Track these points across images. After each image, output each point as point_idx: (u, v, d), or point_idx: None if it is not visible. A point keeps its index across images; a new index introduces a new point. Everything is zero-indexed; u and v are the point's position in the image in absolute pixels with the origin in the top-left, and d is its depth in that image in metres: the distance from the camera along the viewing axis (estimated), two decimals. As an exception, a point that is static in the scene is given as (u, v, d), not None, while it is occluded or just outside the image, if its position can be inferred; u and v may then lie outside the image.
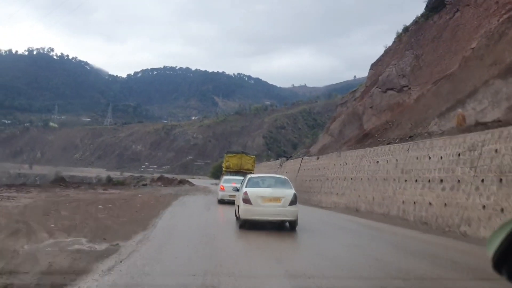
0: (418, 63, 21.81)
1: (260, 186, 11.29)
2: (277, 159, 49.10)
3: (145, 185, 35.54)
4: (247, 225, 10.67)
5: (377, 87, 22.15)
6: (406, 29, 29.70)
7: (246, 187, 11.09)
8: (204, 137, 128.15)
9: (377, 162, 15.64)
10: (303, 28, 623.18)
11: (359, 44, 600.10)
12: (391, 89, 21.82)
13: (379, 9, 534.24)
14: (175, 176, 54.75)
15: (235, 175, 24.92)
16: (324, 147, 24.18)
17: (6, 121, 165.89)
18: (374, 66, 26.36)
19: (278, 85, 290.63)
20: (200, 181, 49.80)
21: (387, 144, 16.01)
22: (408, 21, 29.56)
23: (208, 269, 5.78)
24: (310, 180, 24.92)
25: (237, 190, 12.57)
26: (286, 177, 12.65)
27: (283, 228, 10.82)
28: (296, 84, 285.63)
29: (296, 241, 9.59)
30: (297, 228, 10.57)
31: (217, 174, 54.14)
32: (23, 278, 4.84)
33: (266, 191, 10.78)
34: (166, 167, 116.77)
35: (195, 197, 24.53)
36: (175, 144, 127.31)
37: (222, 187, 19.88)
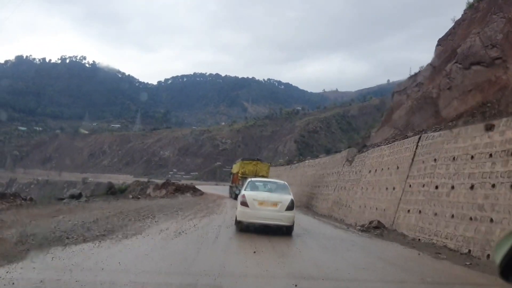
0: (513, 27, 16.06)
1: (259, 190, 11.58)
2: (335, 152, 30.40)
3: (74, 197, 20.61)
4: (244, 227, 11.07)
5: (455, 63, 16.55)
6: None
7: (245, 190, 11.35)
8: (233, 142, 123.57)
9: None
10: (335, 34, 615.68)
11: (392, 49, 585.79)
12: (477, 63, 16.17)
13: (412, 13, 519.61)
14: (196, 182, 49.55)
15: None
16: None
17: (37, 128, 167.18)
18: (442, 41, 20.69)
19: (309, 90, 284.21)
20: (223, 188, 42.42)
21: None
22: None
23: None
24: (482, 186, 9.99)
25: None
26: (286, 183, 12.46)
27: None
28: (327, 89, 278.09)
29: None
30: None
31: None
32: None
33: (264, 195, 10.96)
34: (194, 173, 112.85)
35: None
36: (203, 150, 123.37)
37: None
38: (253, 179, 13.13)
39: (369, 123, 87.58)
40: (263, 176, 28.38)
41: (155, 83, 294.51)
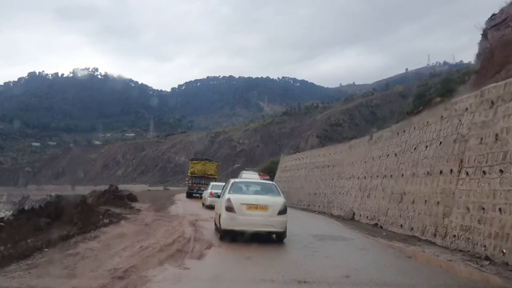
0: None
1: (245, 193, 10.35)
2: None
3: None
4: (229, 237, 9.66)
5: None
6: None
7: (229, 193, 10.12)
8: (251, 142, 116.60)
9: None
10: (348, 29, 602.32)
11: (408, 39, 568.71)
12: None
13: (427, 1, 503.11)
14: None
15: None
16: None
17: (51, 142, 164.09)
18: None
19: (325, 86, 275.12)
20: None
21: None
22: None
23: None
24: None
25: (218, 196, 11.43)
26: (274, 183, 11.66)
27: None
28: (344, 83, 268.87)
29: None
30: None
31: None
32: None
33: (252, 198, 9.85)
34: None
35: None
36: (220, 152, 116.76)
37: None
38: (236, 180, 11.49)
39: (395, 111, 79.20)
40: (211, 175, 30.35)
41: (168, 90, 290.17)
